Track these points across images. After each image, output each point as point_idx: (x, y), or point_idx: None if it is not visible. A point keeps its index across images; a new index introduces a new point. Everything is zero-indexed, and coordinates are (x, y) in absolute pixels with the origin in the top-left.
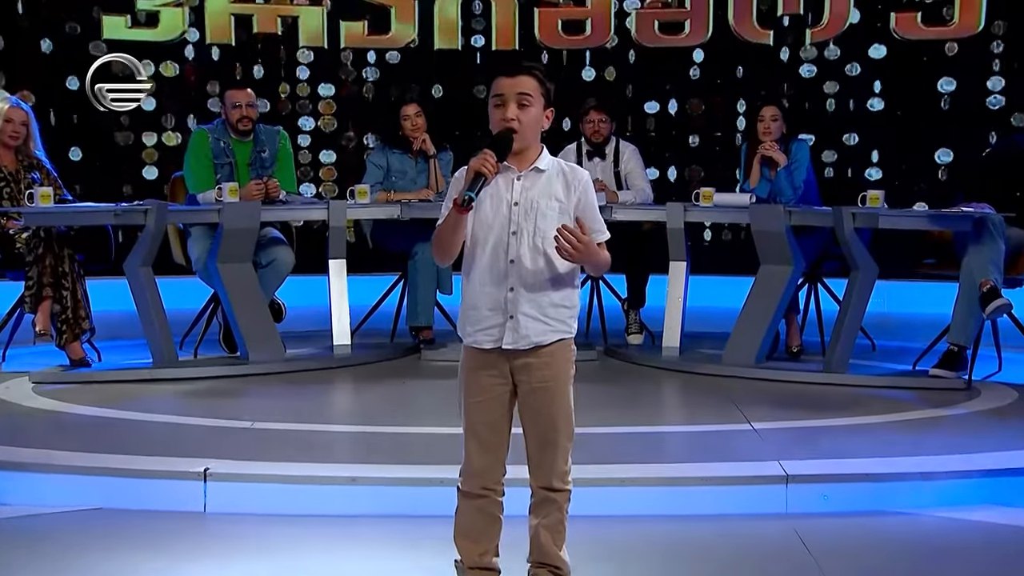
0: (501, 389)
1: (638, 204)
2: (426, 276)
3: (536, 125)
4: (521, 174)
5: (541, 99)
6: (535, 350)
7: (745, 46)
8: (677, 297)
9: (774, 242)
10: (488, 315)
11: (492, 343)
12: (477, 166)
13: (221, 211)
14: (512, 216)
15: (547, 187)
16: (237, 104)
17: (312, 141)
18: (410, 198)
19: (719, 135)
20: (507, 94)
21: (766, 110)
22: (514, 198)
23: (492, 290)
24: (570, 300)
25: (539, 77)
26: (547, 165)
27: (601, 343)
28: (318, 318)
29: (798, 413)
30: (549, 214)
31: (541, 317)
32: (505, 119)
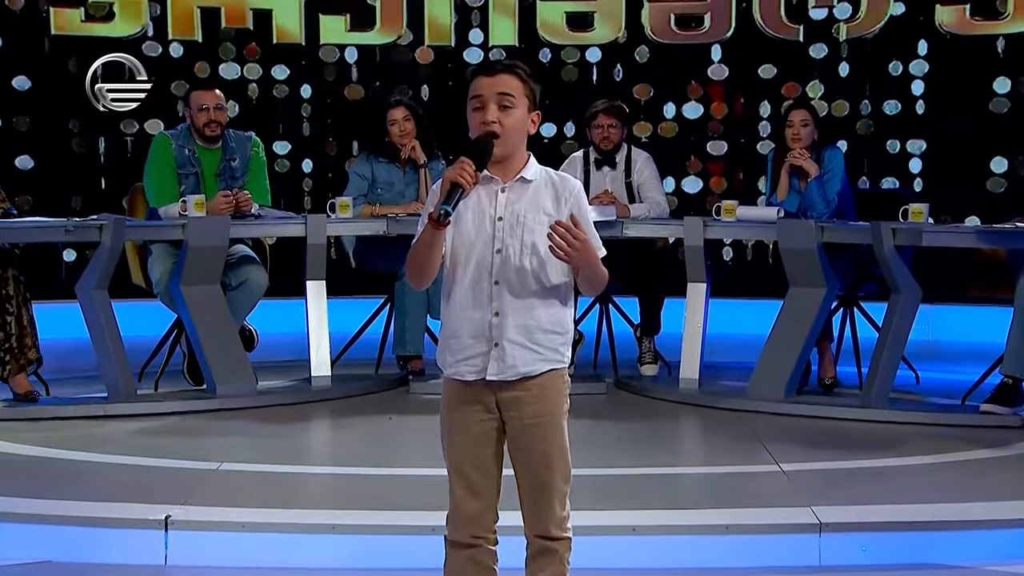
0: (487, 425)
1: (652, 219)
2: (415, 299)
3: (520, 129)
4: (506, 185)
5: (525, 100)
6: (523, 382)
7: (772, 42)
8: (696, 323)
9: (805, 261)
10: (470, 343)
11: (475, 374)
12: (454, 176)
13: (185, 227)
14: (496, 232)
15: (534, 199)
16: (204, 107)
17: (288, 148)
18: (397, 212)
19: (743, 142)
20: (486, 95)
21: (795, 114)
22: (498, 212)
23: (474, 315)
24: (561, 325)
25: (522, 76)
26: (534, 175)
27: (611, 374)
28: (294, 346)
29: (832, 453)
30: (537, 229)
31: (530, 344)
32: (485, 122)
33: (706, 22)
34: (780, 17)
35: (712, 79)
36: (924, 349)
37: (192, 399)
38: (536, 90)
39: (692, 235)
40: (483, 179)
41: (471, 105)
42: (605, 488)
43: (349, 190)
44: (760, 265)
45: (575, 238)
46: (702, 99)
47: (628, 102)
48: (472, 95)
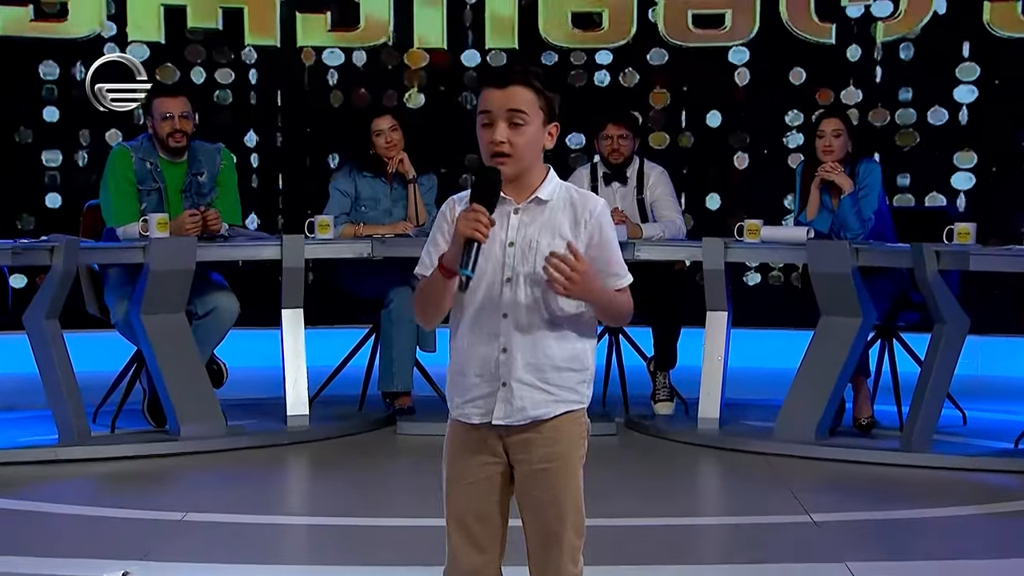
0: (492, 471)
1: (667, 240)
2: (403, 330)
3: (534, 146)
4: (519, 206)
5: (540, 114)
6: (535, 425)
7: (801, 43)
8: (716, 356)
9: (838, 287)
10: (476, 382)
11: (480, 417)
12: (468, 231)
13: (147, 249)
14: (506, 259)
15: (550, 222)
16: (168, 115)
17: (261, 161)
18: (383, 233)
19: (767, 153)
20: (496, 111)
21: (827, 123)
22: (509, 236)
23: (481, 350)
24: (580, 361)
25: (536, 87)
26: (550, 194)
27: (621, 413)
28: (268, 382)
29: (869, 502)
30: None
31: (541, 384)
32: (494, 142)
33: (727, 21)
34: (810, 15)
35: (735, 84)
36: (972, 386)
37: (153, 441)
38: (553, 100)
39: (712, 258)
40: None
41: (480, 120)
42: (614, 541)
43: (330, 208)
44: (788, 292)
45: (573, 269)
46: (723, 107)
47: (640, 110)
48: (480, 109)
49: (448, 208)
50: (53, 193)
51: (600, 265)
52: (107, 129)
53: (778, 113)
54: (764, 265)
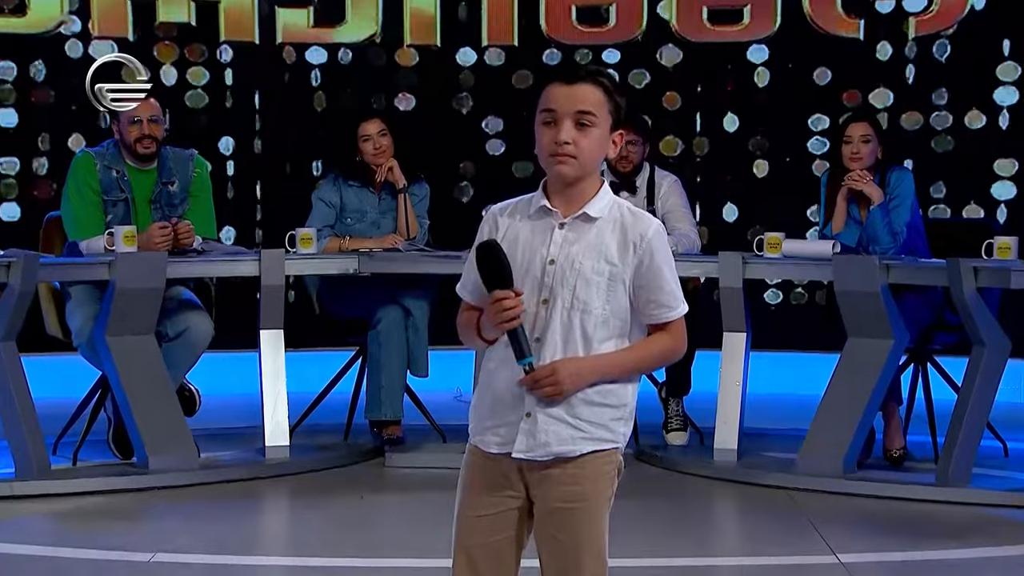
0: (509, 505)
1: (680, 255)
2: (392, 353)
3: (598, 153)
4: (566, 221)
5: (608, 118)
6: (558, 462)
7: (826, 41)
8: (735, 381)
9: (866, 307)
10: (499, 408)
11: (499, 446)
12: (502, 327)
13: (112, 264)
14: (545, 278)
15: (597, 242)
16: (136, 119)
17: (238, 169)
18: (371, 247)
19: (789, 161)
20: (561, 110)
21: (855, 128)
22: (550, 253)
23: (507, 373)
24: (616, 396)
25: (607, 87)
26: (601, 210)
27: (631, 444)
28: (245, 410)
29: (902, 542)
30: (594, 280)
31: (568, 418)
32: (558, 141)
33: (746, 16)
34: (836, 10)
35: (754, 85)
36: (1013, 414)
37: (119, 475)
38: (622, 105)
39: (729, 274)
40: (540, 211)
41: (540, 119)
42: None
43: (313, 220)
44: (812, 311)
45: (546, 381)
46: (741, 110)
47: (651, 113)
48: (543, 107)
49: (490, 223)
50: (10, 203)
51: (648, 294)
52: (69, 134)
53: (801, 116)
54: (786, 282)
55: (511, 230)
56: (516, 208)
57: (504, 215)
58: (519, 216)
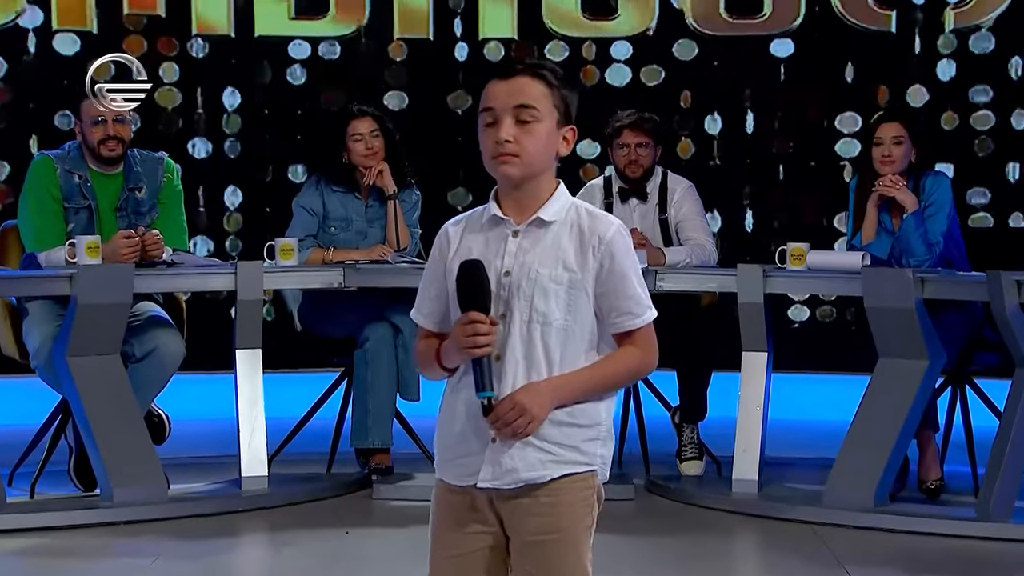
0: (482, 542)
1: (695, 267)
2: (381, 374)
3: (546, 150)
4: (519, 228)
5: (553, 112)
6: (529, 490)
7: (854, 34)
8: (755, 406)
9: (899, 324)
10: (463, 437)
11: (465, 477)
12: (469, 351)
13: (74, 278)
14: (500, 291)
15: (553, 248)
16: (100, 119)
17: (211, 173)
18: (357, 258)
19: (814, 165)
20: (500, 107)
21: (886, 128)
22: (505, 264)
23: (468, 397)
24: (587, 416)
25: (549, 79)
26: (556, 213)
27: (641, 474)
28: (219, 437)
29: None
30: (552, 290)
31: (535, 441)
32: (499, 141)
33: (767, 7)
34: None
35: (775, 82)
36: None
37: (81, 508)
38: (569, 98)
39: (749, 289)
40: (492, 220)
41: (482, 120)
42: None
43: (293, 229)
44: (840, 329)
45: (511, 415)
46: (762, 109)
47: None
48: (483, 106)
49: (442, 239)
50: None
51: (611, 301)
52: (27, 135)
53: (828, 116)
54: (811, 298)
55: (464, 244)
56: (468, 220)
57: (456, 229)
58: (471, 228)
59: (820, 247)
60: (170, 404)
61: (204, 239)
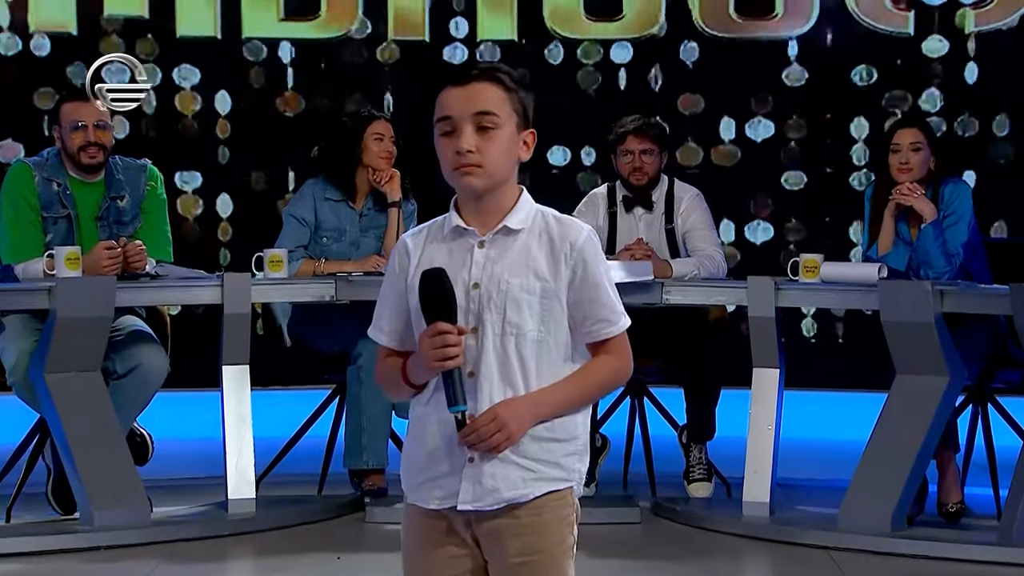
0: (462, 565)
1: (704, 279)
2: (376, 391)
3: (508, 157)
4: (484, 238)
5: (512, 116)
6: (510, 510)
7: (871, 35)
8: (766, 425)
9: (918, 340)
10: (438, 456)
11: (441, 500)
12: (438, 364)
13: (52, 291)
14: (470, 304)
15: (523, 257)
16: (80, 124)
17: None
18: (351, 270)
19: (830, 172)
20: (458, 115)
21: (903, 134)
22: (473, 276)
23: (441, 415)
24: (565, 429)
25: (506, 83)
26: (523, 221)
27: (647, 496)
28: (205, 458)
29: None
30: (524, 300)
31: (516, 458)
32: (460, 151)
33: (779, 7)
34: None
35: (787, 86)
36: None
37: (60, 533)
38: (526, 101)
39: (759, 302)
40: (455, 231)
41: (439, 129)
42: None
43: (283, 239)
44: (854, 344)
45: (486, 431)
46: (774, 114)
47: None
48: (439, 115)
49: (400, 252)
50: None
51: (584, 309)
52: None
53: (842, 122)
54: (825, 312)
55: (425, 257)
56: (428, 232)
57: (415, 241)
58: (432, 240)
59: (834, 258)
60: (153, 423)
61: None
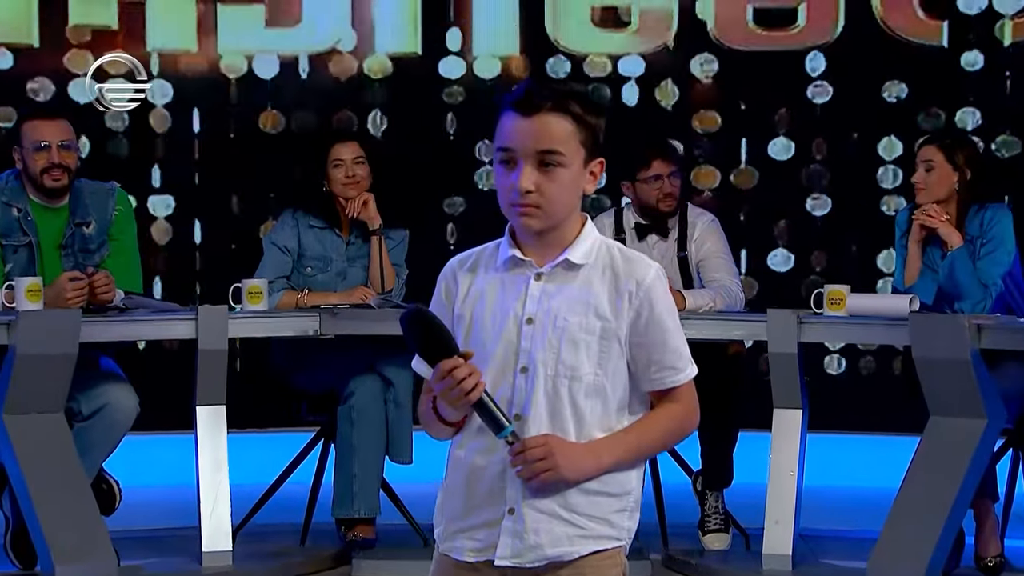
0: None
1: (720, 312)
2: (368, 433)
3: (571, 194)
4: (542, 270)
5: (580, 151)
6: (552, 568)
7: (901, 47)
8: (788, 471)
9: (953, 378)
10: (475, 505)
11: (478, 553)
12: (457, 402)
13: (12, 325)
14: (521, 341)
15: (583, 293)
16: (44, 144)
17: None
18: (336, 302)
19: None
20: (520, 149)
21: (920, 152)
22: (526, 311)
23: (482, 460)
24: (619, 483)
25: (577, 113)
26: (586, 254)
27: (658, 547)
28: (177, 506)
29: None
30: (582, 340)
31: (562, 512)
32: (518, 189)
33: (801, 18)
34: (914, 10)
35: (810, 103)
36: None
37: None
38: (599, 127)
39: (780, 337)
40: (510, 261)
41: (497, 157)
42: None
43: (264, 269)
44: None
45: (533, 454)
46: (795, 133)
47: (683, 137)
48: (500, 144)
49: (448, 280)
50: None
51: (648, 354)
52: None
53: (869, 141)
54: (851, 348)
55: (475, 288)
56: (479, 260)
57: (463, 270)
58: (483, 269)
59: (862, 289)
60: (121, 469)
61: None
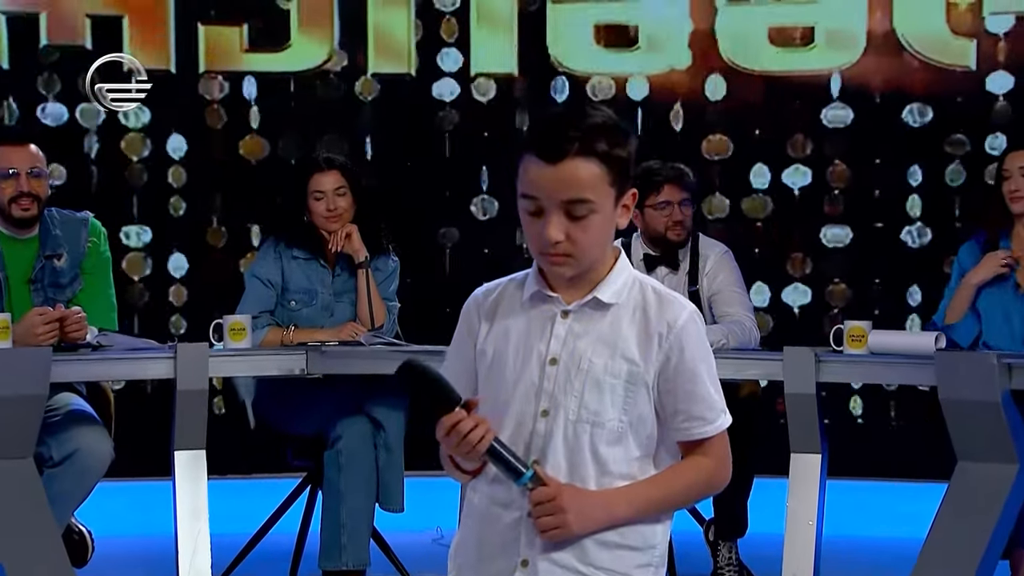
0: None
1: (732, 350)
2: (357, 480)
3: (603, 238)
4: (570, 308)
5: (611, 193)
6: None
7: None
8: (806, 519)
9: (981, 420)
10: (487, 554)
11: None
12: (473, 452)
13: None
14: (544, 383)
15: (612, 334)
16: (11, 171)
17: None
18: (324, 339)
19: (880, 227)
20: (547, 200)
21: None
22: (550, 351)
23: (497, 509)
24: (642, 537)
25: (603, 154)
26: (617, 293)
27: None
28: (154, 557)
29: None
30: (607, 384)
31: (579, 566)
32: (548, 240)
33: (818, 37)
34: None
35: (829, 127)
36: None
37: None
38: (628, 159)
39: (798, 377)
40: (536, 297)
41: (522, 205)
42: None
43: (246, 304)
44: (909, 426)
45: (551, 504)
46: (813, 159)
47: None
48: (524, 192)
49: (471, 315)
50: None
51: (677, 402)
52: None
53: (893, 168)
54: (874, 388)
55: (498, 323)
56: (503, 294)
57: (487, 305)
58: (508, 305)
59: (885, 326)
60: (93, 518)
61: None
